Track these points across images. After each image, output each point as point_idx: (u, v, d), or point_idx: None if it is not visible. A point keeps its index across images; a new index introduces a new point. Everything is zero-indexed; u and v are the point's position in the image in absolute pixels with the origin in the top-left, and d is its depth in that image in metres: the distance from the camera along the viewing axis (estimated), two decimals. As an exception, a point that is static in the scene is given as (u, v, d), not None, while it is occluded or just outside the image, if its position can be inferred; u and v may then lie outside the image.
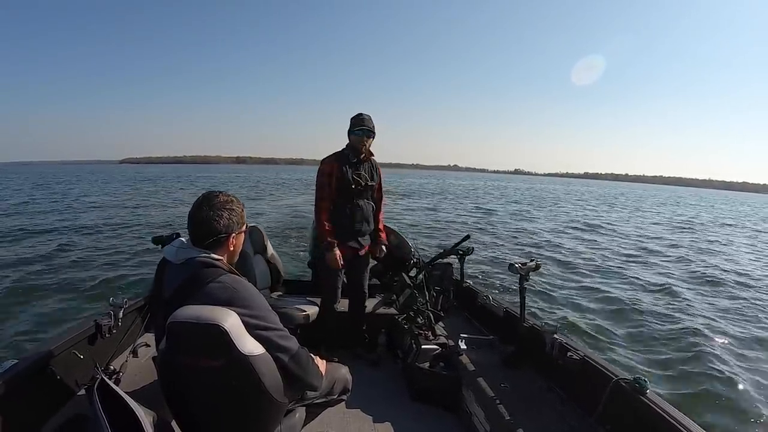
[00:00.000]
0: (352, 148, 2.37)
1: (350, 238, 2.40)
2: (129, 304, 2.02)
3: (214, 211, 1.16)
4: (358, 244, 2.44)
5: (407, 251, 2.80)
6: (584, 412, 1.60)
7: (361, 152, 2.38)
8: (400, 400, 2.15)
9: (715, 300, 6.59)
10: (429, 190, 35.80)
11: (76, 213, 13.72)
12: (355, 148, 2.36)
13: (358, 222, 2.39)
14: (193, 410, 1.17)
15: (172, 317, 1.04)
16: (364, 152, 2.39)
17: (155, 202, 18.45)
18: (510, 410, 1.65)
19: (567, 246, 10.86)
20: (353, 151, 2.37)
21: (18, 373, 1.36)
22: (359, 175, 2.38)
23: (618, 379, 1.49)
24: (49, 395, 1.51)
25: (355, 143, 2.36)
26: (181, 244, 1.19)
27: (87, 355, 1.70)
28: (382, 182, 2.57)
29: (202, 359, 1.07)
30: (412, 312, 2.50)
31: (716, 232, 16.85)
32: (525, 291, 2.07)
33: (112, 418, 0.93)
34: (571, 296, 6.20)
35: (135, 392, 1.67)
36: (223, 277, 1.12)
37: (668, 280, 7.60)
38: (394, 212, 16.40)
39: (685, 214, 26.12)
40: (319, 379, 1.31)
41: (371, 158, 2.47)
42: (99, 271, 6.43)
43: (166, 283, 1.18)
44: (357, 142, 2.34)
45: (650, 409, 1.34)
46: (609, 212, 23.51)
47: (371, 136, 2.36)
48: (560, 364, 1.78)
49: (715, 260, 10.06)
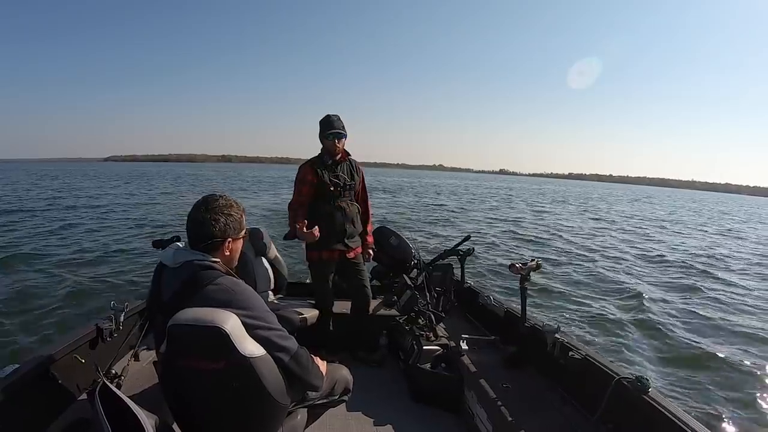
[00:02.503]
0: (327, 152, 2.39)
1: (335, 241, 2.36)
2: (130, 307, 2.02)
3: (211, 214, 1.16)
4: (345, 246, 2.40)
5: (408, 252, 2.79)
6: (586, 411, 1.60)
7: (336, 154, 2.38)
8: (401, 401, 2.14)
9: (717, 294, 6.60)
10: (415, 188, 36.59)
11: (74, 214, 13.65)
12: (329, 151, 2.38)
13: (340, 224, 2.37)
14: (194, 413, 1.17)
15: (172, 320, 1.05)
16: (338, 153, 2.39)
17: (155, 202, 18.44)
18: (512, 410, 1.65)
19: (561, 245, 10.90)
20: (328, 153, 2.38)
21: (19, 377, 1.36)
22: (337, 176, 2.38)
23: (620, 378, 1.48)
24: (50, 400, 1.51)
25: (328, 147, 2.37)
26: (177, 247, 1.19)
27: (88, 359, 1.70)
28: (365, 181, 2.57)
29: (202, 362, 1.07)
30: (413, 313, 2.50)
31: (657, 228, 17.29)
32: (526, 291, 2.07)
33: (114, 422, 0.92)
34: (572, 296, 6.20)
35: (137, 396, 1.67)
36: (221, 279, 1.12)
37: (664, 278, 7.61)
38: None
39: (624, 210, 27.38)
40: (320, 380, 1.31)
41: (349, 158, 2.47)
42: (100, 274, 6.42)
43: (163, 286, 1.18)
44: (330, 145, 2.35)
45: (652, 408, 1.34)
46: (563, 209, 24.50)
47: (343, 137, 2.37)
48: (562, 363, 1.77)
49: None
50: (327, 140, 2.35)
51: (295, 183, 2.39)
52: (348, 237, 2.41)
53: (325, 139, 2.35)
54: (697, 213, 31.43)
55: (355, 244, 2.47)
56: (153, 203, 17.65)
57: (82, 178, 38.41)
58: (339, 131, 2.33)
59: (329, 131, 2.32)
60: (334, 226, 2.34)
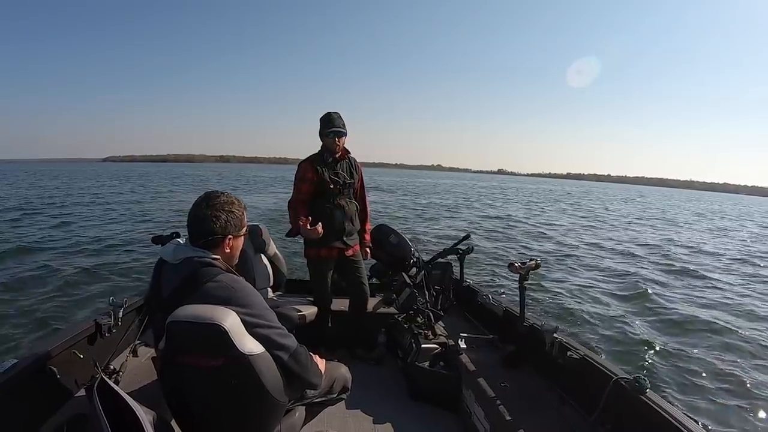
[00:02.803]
0: (327, 149, 2.38)
1: (334, 239, 2.36)
2: (129, 303, 2.02)
3: (212, 210, 1.16)
4: (344, 244, 2.40)
5: (407, 250, 2.79)
6: (584, 411, 1.60)
7: (336, 152, 2.38)
8: (400, 399, 2.15)
9: (717, 294, 6.61)
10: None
11: (73, 211, 13.67)
12: (329, 149, 2.38)
13: (340, 222, 2.37)
14: (192, 410, 1.17)
15: (172, 317, 1.05)
16: (339, 151, 2.39)
17: (154, 200, 18.43)
18: (510, 409, 1.65)
19: (568, 243, 10.91)
20: (328, 151, 2.38)
21: (17, 372, 1.36)
22: (336, 174, 2.38)
23: (618, 378, 1.48)
24: (48, 395, 1.51)
25: (328, 145, 2.37)
26: (177, 243, 1.19)
27: (87, 354, 1.70)
28: (363, 180, 2.57)
29: (201, 358, 1.07)
30: (412, 311, 2.50)
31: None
32: (525, 290, 2.07)
33: (112, 417, 0.93)
34: (572, 295, 6.20)
35: (135, 392, 1.67)
36: (221, 276, 1.12)
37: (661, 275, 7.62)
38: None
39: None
40: (318, 378, 1.31)
41: (348, 156, 2.47)
42: (99, 270, 6.42)
43: (163, 282, 1.18)
44: (330, 143, 2.35)
45: (650, 409, 1.34)
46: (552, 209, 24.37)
47: (343, 135, 2.36)
48: (560, 363, 1.78)
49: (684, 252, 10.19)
50: (327, 138, 2.35)
51: (294, 181, 2.38)
52: (347, 235, 2.41)
53: (326, 137, 2.35)
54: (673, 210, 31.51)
55: (354, 242, 2.47)
56: (152, 201, 17.66)
57: (81, 178, 38.46)
58: (339, 129, 2.33)
59: (329, 129, 2.32)
60: (333, 224, 2.34)
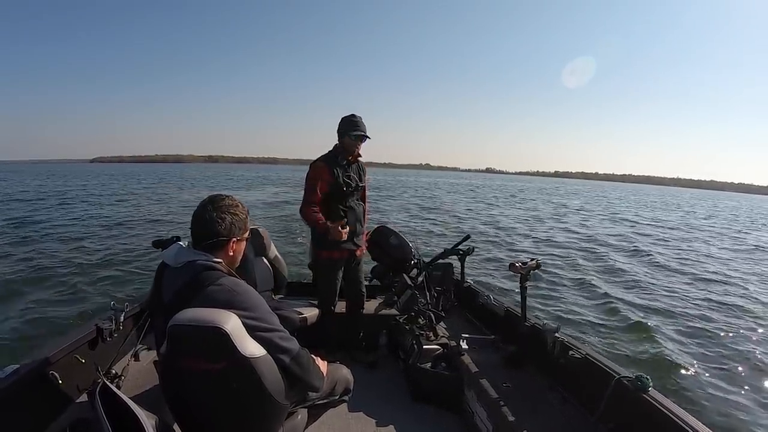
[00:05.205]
0: (344, 150, 2.37)
1: (347, 240, 2.37)
2: (130, 307, 2.02)
3: (217, 212, 1.17)
4: (354, 245, 2.44)
5: (407, 252, 2.79)
6: (586, 410, 1.60)
7: (354, 155, 2.39)
8: (401, 400, 2.15)
9: (716, 294, 6.60)
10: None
11: (72, 214, 13.64)
12: (347, 150, 2.37)
13: (352, 223, 2.38)
14: (195, 413, 1.17)
15: (173, 320, 1.04)
16: (357, 154, 2.40)
17: (153, 202, 18.41)
18: (512, 410, 1.65)
19: (564, 243, 10.91)
20: (344, 153, 2.37)
21: (19, 378, 1.36)
22: (349, 176, 2.38)
23: (620, 377, 1.48)
24: (50, 400, 1.51)
25: (348, 146, 2.36)
26: (180, 247, 1.19)
27: (88, 359, 1.70)
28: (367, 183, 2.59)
29: (203, 362, 1.07)
30: (413, 312, 2.50)
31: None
32: (526, 290, 2.07)
33: (115, 422, 0.92)
34: (572, 295, 6.20)
35: (137, 396, 1.67)
36: (223, 280, 1.12)
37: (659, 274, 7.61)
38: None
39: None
40: (320, 380, 1.31)
41: (358, 159, 2.48)
42: (99, 274, 6.41)
43: (165, 286, 1.18)
44: (351, 145, 2.35)
45: (653, 407, 1.34)
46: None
47: (365, 140, 2.37)
48: (562, 363, 1.78)
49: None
50: (350, 140, 2.34)
51: (308, 180, 2.35)
52: (356, 236, 2.44)
53: (349, 138, 2.33)
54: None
55: (361, 243, 2.52)
56: (150, 204, 17.61)
57: (74, 180, 38.38)
58: (364, 134, 2.34)
59: (355, 131, 2.32)
60: (347, 225, 2.36)
